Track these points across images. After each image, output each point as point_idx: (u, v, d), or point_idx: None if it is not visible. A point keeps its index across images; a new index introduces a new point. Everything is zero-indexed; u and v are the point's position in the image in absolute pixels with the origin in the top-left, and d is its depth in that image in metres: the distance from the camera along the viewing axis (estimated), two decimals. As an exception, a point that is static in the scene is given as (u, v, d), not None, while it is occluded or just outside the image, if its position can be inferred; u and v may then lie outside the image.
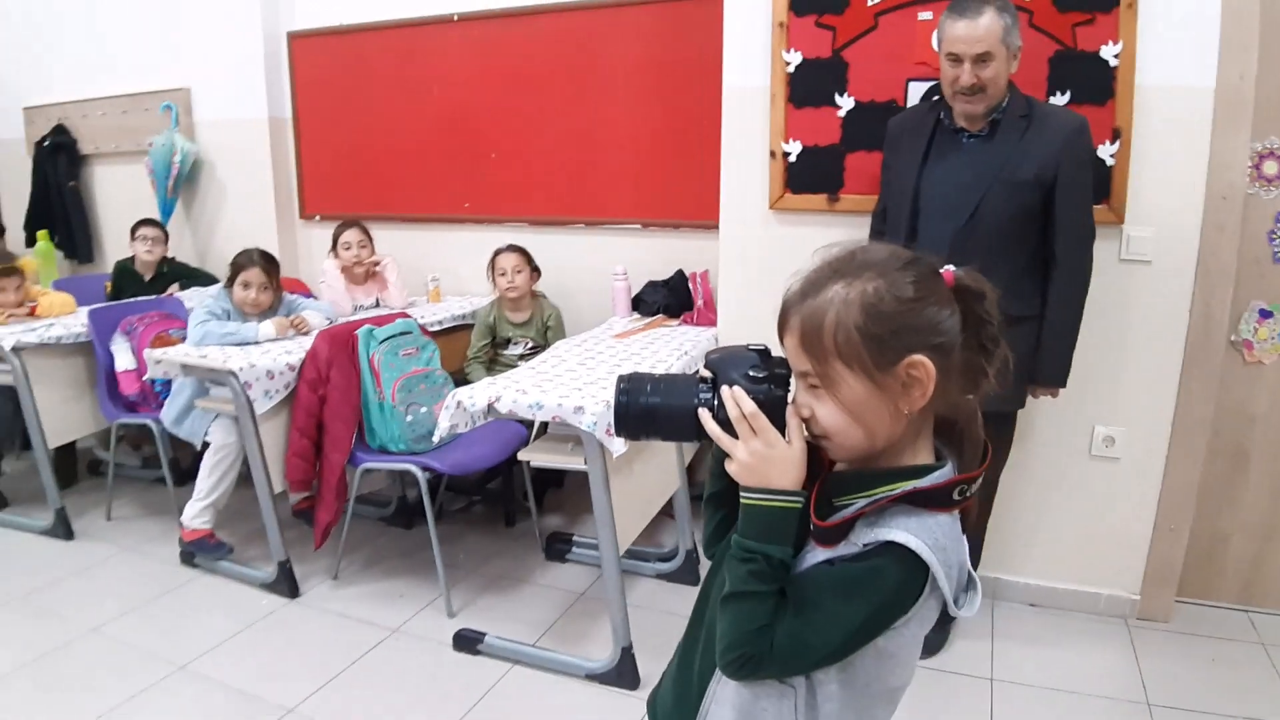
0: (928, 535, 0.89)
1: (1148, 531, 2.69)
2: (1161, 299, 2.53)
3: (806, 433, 0.97)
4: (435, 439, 2.43)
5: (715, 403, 0.97)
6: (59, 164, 4.91)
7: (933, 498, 0.91)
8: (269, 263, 3.23)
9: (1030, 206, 2.22)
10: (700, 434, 0.98)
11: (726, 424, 0.96)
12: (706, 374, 0.99)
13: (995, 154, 2.22)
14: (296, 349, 2.97)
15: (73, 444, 3.79)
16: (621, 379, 1.01)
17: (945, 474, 0.95)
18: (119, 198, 4.89)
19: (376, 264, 3.80)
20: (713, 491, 1.11)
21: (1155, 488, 2.65)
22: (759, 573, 0.93)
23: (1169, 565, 2.69)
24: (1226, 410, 2.63)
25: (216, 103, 4.44)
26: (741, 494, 0.96)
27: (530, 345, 3.52)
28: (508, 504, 3.53)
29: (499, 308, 3.56)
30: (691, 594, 2.90)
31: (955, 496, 0.92)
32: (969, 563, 0.98)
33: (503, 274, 3.48)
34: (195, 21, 4.36)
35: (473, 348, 3.54)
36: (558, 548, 3.21)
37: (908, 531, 0.88)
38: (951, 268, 0.93)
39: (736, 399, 0.95)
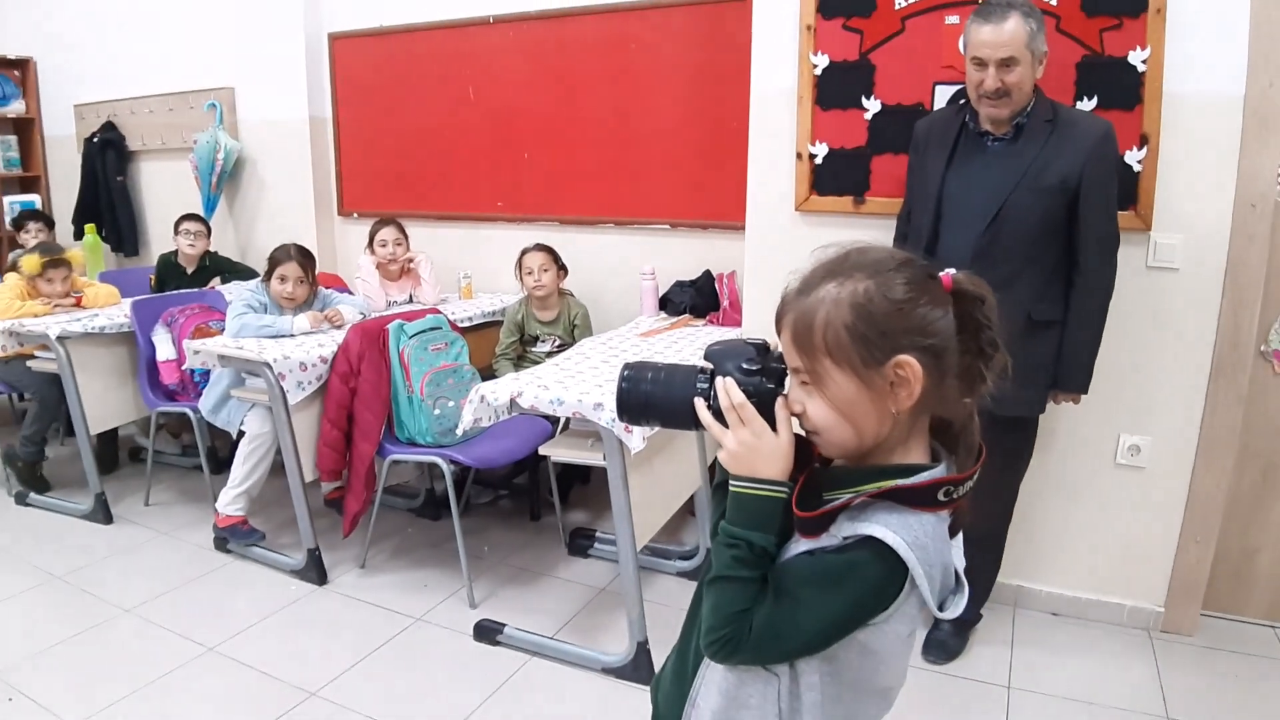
0: (907, 532, 0.90)
1: (1173, 543, 2.65)
2: (1189, 307, 2.50)
3: (799, 427, 0.99)
4: (459, 432, 2.47)
5: (711, 393, 1.00)
6: (107, 160, 5.04)
7: (916, 496, 0.92)
8: (305, 257, 3.29)
9: (1054, 212, 2.21)
10: (697, 423, 1.01)
11: (720, 414, 0.99)
12: (707, 365, 1.03)
13: (1019, 158, 2.21)
14: (329, 342, 3.04)
15: (114, 431, 3.88)
16: (626, 366, 1.04)
17: (934, 474, 0.95)
18: (164, 193, 5.02)
19: (411, 260, 3.86)
20: (720, 481, 1.13)
21: (1181, 498, 2.62)
22: (741, 558, 0.95)
23: (1194, 578, 2.66)
24: (1256, 422, 2.59)
25: (259, 102, 4.54)
26: (730, 481, 0.98)
27: (558, 343, 3.56)
28: (533, 498, 3.57)
29: (527, 306, 3.60)
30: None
31: (940, 497, 0.93)
32: (956, 565, 0.99)
33: (529, 273, 3.52)
34: (240, 22, 4.47)
35: (501, 344, 3.59)
36: (580, 543, 3.25)
37: (886, 527, 0.90)
38: (951, 271, 0.95)
39: (727, 389, 0.98)
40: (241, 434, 3.18)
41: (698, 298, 3.52)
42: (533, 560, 3.20)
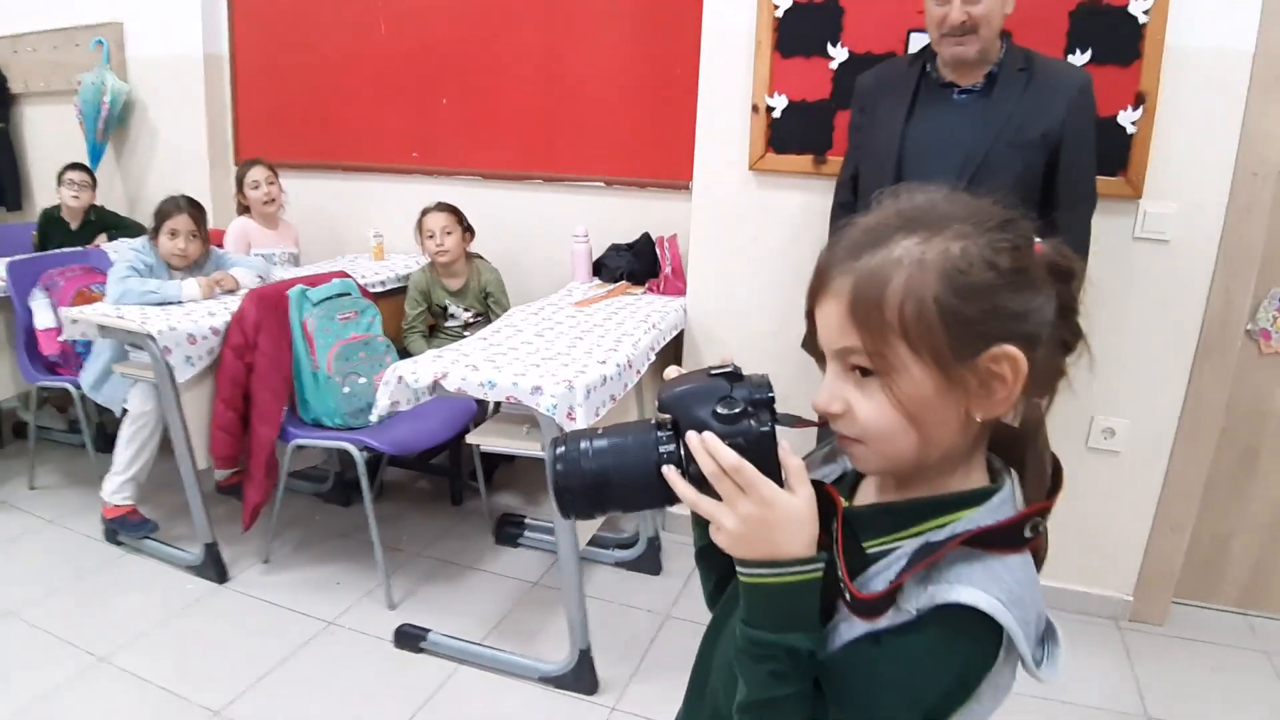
0: (1000, 588, 0.67)
1: (1145, 530, 2.52)
2: (1177, 281, 2.32)
3: (836, 429, 0.75)
4: (373, 418, 2.17)
5: (682, 455, 0.73)
6: (-12, 104, 4.55)
7: (1001, 536, 0.70)
8: (196, 209, 2.92)
9: (1034, 169, 1.99)
10: (671, 497, 0.74)
11: (702, 481, 0.72)
12: (664, 417, 0.75)
13: (995, 111, 1.98)
14: (221, 310, 2.69)
15: (-4, 406, 3.51)
16: (555, 442, 0.76)
17: (1006, 499, 0.73)
18: (50, 141, 4.51)
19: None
20: (702, 546, 0.89)
21: (1157, 484, 2.48)
22: (781, 673, 0.71)
23: (1167, 566, 2.52)
24: (1237, 403, 2.43)
25: (150, 38, 4.07)
26: (739, 571, 0.72)
27: (474, 314, 3.26)
28: (454, 481, 3.28)
29: (432, 272, 3.27)
30: (654, 585, 2.72)
31: (1027, 533, 0.71)
32: (1046, 610, 0.76)
33: (430, 236, 3.17)
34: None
35: (408, 317, 3.24)
36: (509, 531, 2.98)
37: (975, 587, 0.67)
38: (1038, 239, 0.72)
39: (710, 450, 0.71)
40: (126, 412, 2.83)
41: (636, 262, 3.20)
42: (456, 551, 2.92)
